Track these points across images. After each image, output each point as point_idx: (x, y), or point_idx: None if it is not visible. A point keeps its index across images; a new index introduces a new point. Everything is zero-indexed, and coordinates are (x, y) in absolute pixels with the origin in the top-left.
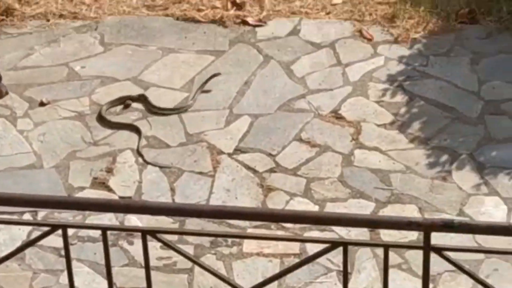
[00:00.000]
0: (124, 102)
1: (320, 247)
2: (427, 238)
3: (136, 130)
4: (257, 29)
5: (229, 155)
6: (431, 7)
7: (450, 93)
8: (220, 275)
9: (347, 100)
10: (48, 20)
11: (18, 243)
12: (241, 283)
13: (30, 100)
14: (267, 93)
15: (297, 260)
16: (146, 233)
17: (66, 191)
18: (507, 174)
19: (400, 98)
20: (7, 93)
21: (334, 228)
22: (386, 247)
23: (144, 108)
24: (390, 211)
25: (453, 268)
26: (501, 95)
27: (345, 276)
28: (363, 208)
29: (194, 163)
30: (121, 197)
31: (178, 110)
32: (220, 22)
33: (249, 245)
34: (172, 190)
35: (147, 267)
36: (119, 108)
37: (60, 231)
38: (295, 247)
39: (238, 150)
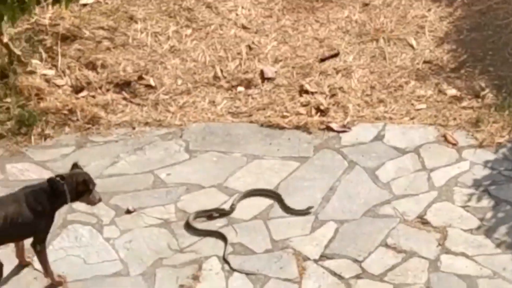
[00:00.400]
0: (211, 214)
1: None
2: None
3: (223, 237)
4: (341, 134)
5: (315, 261)
6: None
7: None
8: None
9: (432, 205)
10: (133, 128)
11: None
12: None
13: (116, 207)
14: (352, 199)
15: None
16: None
17: None
18: None
19: (486, 202)
20: (100, 200)
21: None
22: None
23: (280, 207)
24: None
25: None
26: None
27: None
28: None
29: (280, 270)
30: None
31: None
32: (305, 128)
33: None
34: None
35: None
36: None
37: None
38: None
39: (324, 257)
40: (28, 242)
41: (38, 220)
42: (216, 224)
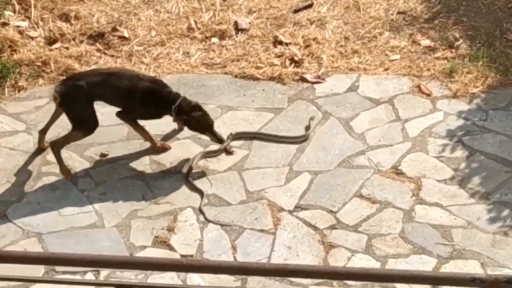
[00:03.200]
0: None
1: None
2: None
3: (200, 192)
4: (315, 85)
5: (290, 212)
6: (489, 61)
7: (510, 147)
8: None
9: (407, 156)
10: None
11: None
12: None
13: (91, 159)
14: (327, 150)
15: None
16: None
17: (127, 250)
18: None
19: (460, 153)
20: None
21: (395, 284)
22: None
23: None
24: (452, 267)
25: None
26: None
27: None
28: (425, 264)
29: (255, 221)
30: (182, 256)
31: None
32: (279, 79)
33: None
34: (234, 248)
35: None
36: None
37: None
38: None
39: (298, 207)
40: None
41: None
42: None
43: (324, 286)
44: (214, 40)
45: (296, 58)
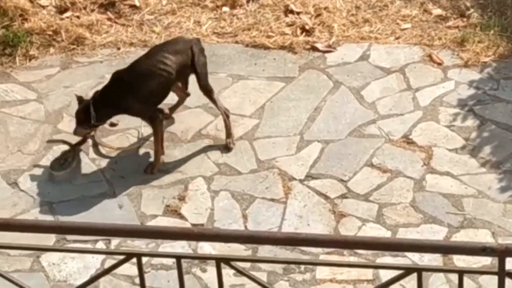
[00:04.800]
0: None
1: (393, 273)
2: (502, 263)
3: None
4: (326, 55)
5: (301, 181)
6: (501, 30)
7: None
8: None
9: (417, 125)
10: (118, 49)
11: (92, 272)
12: None
13: (102, 128)
14: (338, 119)
15: (370, 286)
16: (220, 261)
17: (138, 219)
18: None
19: (471, 122)
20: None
21: (406, 253)
22: (461, 273)
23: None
24: (463, 236)
25: None
26: None
27: None
28: (435, 233)
29: (266, 190)
30: (193, 225)
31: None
32: (290, 48)
33: (322, 272)
34: (244, 217)
35: None
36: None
37: (134, 259)
38: (368, 273)
39: (309, 176)
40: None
41: None
42: (201, 145)
43: (335, 255)
44: (225, 9)
45: (307, 27)
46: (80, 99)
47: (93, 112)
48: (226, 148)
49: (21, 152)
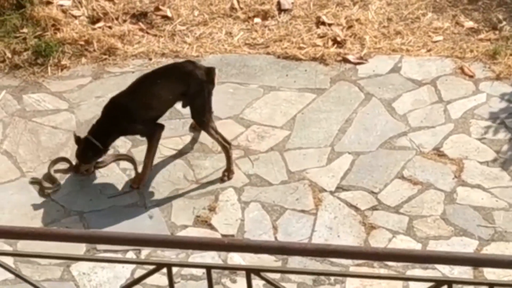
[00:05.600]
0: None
1: (423, 285)
2: None
3: (131, 159)
4: (358, 66)
5: (331, 193)
6: None
7: None
8: None
9: (449, 137)
10: (150, 59)
11: (122, 282)
12: None
13: (133, 138)
14: (369, 131)
15: None
16: (250, 271)
17: (169, 229)
18: None
19: (502, 135)
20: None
21: (437, 266)
22: (491, 285)
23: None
24: (494, 249)
25: None
26: None
27: None
28: (466, 245)
29: (296, 201)
30: (223, 235)
31: None
32: (321, 60)
33: (352, 283)
34: (275, 228)
35: None
36: None
37: (164, 269)
38: (398, 285)
39: (340, 188)
40: None
41: None
42: (232, 156)
43: (365, 267)
44: (257, 20)
45: (338, 39)
46: (77, 138)
47: (97, 142)
48: (221, 180)
49: (50, 160)
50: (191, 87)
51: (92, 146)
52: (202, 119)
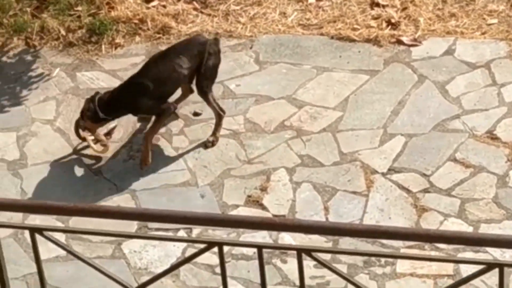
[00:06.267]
0: None
1: (474, 268)
2: None
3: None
4: (412, 48)
5: (383, 174)
6: None
7: None
8: None
9: (502, 120)
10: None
11: (172, 260)
12: None
13: (186, 117)
14: (422, 113)
15: (450, 282)
16: (302, 251)
17: (220, 208)
18: None
19: None
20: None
21: (488, 249)
22: None
23: None
24: None
25: None
26: None
27: None
28: None
29: (348, 182)
30: (274, 216)
31: None
32: (375, 41)
33: (402, 265)
34: (326, 209)
35: (302, 286)
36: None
37: (214, 248)
38: (448, 268)
39: (392, 170)
40: None
41: None
42: (284, 136)
43: (416, 249)
44: (311, 0)
45: (393, 20)
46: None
47: (98, 111)
48: (205, 145)
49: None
50: (204, 59)
51: (93, 109)
52: (205, 87)
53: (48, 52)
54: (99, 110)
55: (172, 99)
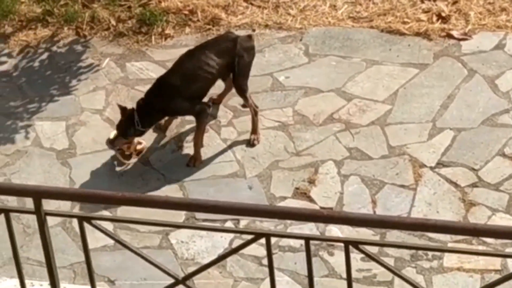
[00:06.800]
0: None
1: None
2: None
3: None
4: (462, 42)
5: (431, 168)
6: None
7: None
8: None
9: None
10: (253, 30)
11: (219, 251)
12: None
13: (234, 109)
14: (471, 107)
15: (498, 276)
16: (349, 244)
17: (268, 200)
18: None
19: None
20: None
21: None
22: None
23: None
24: None
25: None
26: None
27: None
28: None
29: (396, 176)
30: (322, 208)
31: None
32: (425, 35)
33: (449, 260)
34: (373, 202)
35: (349, 278)
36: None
37: (261, 240)
38: (496, 262)
39: (440, 164)
40: None
41: None
42: (333, 129)
43: (463, 243)
44: None
45: (443, 14)
46: (123, 109)
47: (137, 117)
48: (249, 145)
49: (154, 129)
50: (236, 56)
51: (132, 122)
52: (243, 85)
53: (98, 42)
54: (139, 120)
55: (213, 94)
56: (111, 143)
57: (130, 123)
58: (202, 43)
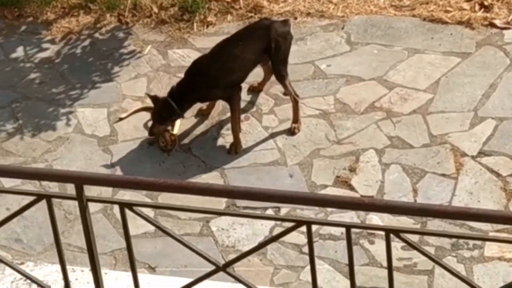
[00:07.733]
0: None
1: None
2: None
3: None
4: (504, 31)
5: (473, 157)
6: None
7: None
8: (463, 277)
9: None
10: (295, 18)
11: (260, 239)
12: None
13: (276, 97)
14: None
15: None
16: (390, 232)
17: (308, 188)
18: None
19: None
20: None
21: None
22: None
23: None
24: None
25: None
26: None
27: None
28: None
29: (437, 165)
30: (363, 196)
31: None
32: (467, 24)
33: (490, 249)
34: (414, 191)
35: (390, 267)
36: None
37: (302, 228)
38: None
39: (482, 153)
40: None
41: None
42: (374, 117)
43: (505, 233)
44: None
45: (485, 3)
46: (154, 98)
47: (174, 105)
48: (290, 133)
49: (195, 117)
50: (272, 42)
51: (169, 108)
52: (282, 72)
53: (140, 29)
54: (174, 104)
55: (254, 82)
56: (150, 133)
57: (168, 110)
58: (238, 30)
